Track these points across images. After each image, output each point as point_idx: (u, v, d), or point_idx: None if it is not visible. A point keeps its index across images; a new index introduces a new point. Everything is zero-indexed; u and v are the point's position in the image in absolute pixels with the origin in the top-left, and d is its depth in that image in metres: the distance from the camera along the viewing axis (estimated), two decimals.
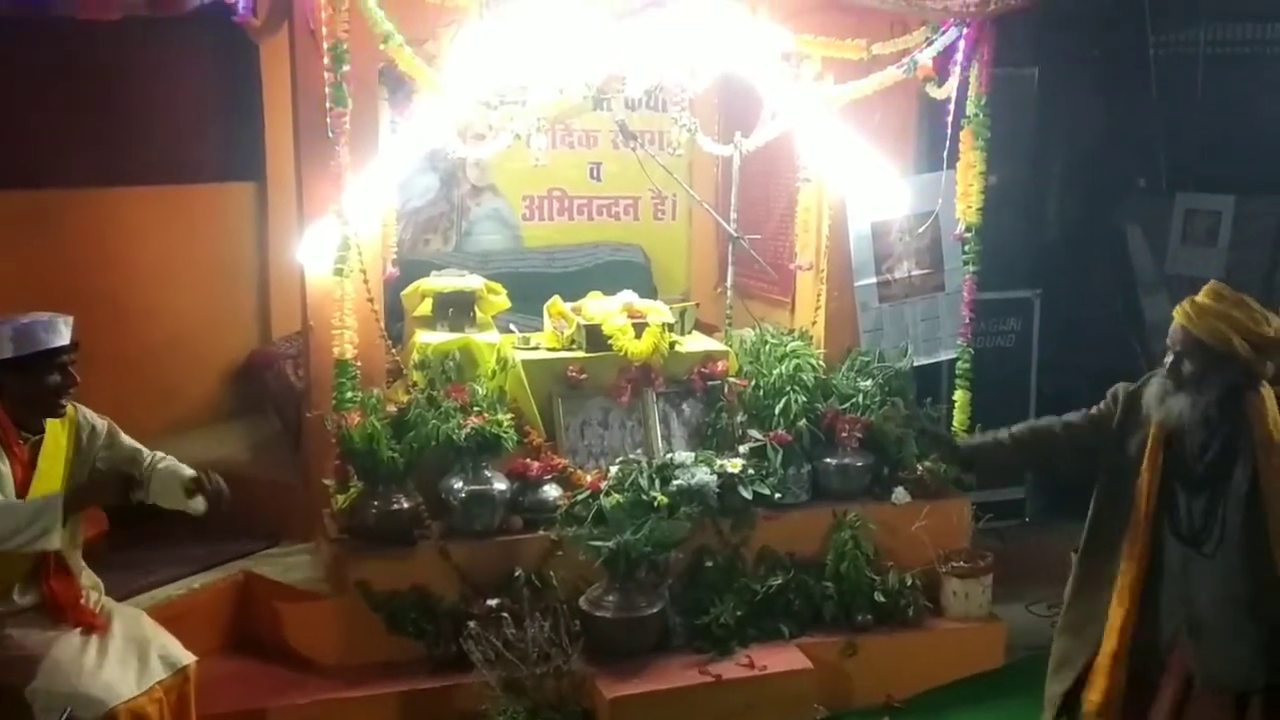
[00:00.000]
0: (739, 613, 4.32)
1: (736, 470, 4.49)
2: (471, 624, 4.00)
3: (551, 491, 4.43)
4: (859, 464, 4.73)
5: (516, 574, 4.22)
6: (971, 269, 5.01)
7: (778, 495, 4.56)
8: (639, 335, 4.69)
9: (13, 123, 4.70)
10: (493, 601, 4.09)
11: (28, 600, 3.23)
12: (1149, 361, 4.90)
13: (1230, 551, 3.10)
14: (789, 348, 4.92)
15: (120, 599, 3.63)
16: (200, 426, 5.39)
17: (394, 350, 4.81)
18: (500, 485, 4.33)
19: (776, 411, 4.71)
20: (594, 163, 6.05)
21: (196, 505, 3.30)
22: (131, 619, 3.39)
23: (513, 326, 5.10)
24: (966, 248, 4.97)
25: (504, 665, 3.87)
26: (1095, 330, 6.44)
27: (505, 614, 4.01)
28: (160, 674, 3.26)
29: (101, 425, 3.38)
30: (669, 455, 4.55)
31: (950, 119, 4.77)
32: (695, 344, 4.98)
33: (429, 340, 4.70)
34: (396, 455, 4.17)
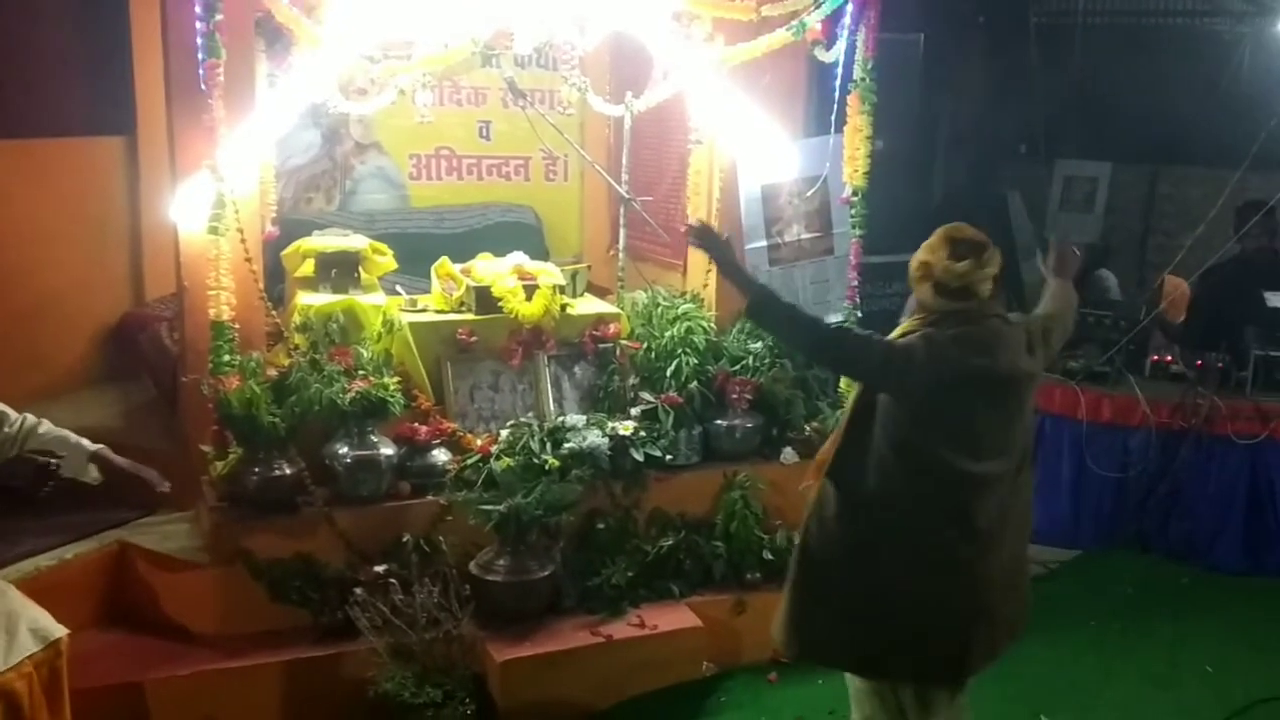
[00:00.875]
0: (630, 574, 4.35)
1: (628, 433, 4.49)
2: (358, 591, 3.93)
3: (440, 456, 4.37)
4: (749, 425, 4.78)
5: (405, 540, 4.16)
6: (858, 233, 5.08)
7: (669, 457, 4.58)
8: (530, 297, 4.65)
9: None
10: (380, 568, 4.03)
11: None
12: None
13: None
14: (681, 310, 4.92)
15: None
16: (70, 392, 5.16)
17: (274, 312, 4.67)
18: (387, 450, 4.26)
19: (668, 374, 4.73)
20: (483, 121, 5.96)
21: (94, 473, 3.21)
22: None
23: (399, 288, 5.00)
24: (854, 211, 5.03)
25: (392, 631, 3.82)
26: None
27: (393, 580, 3.95)
28: (30, 648, 3.11)
29: None
30: (560, 418, 4.53)
31: (838, 82, 4.80)
32: (587, 306, 4.96)
33: (311, 302, 4.58)
34: (278, 420, 4.06)
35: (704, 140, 5.12)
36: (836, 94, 4.81)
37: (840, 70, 4.75)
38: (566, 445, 4.37)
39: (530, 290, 4.66)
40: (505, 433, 4.44)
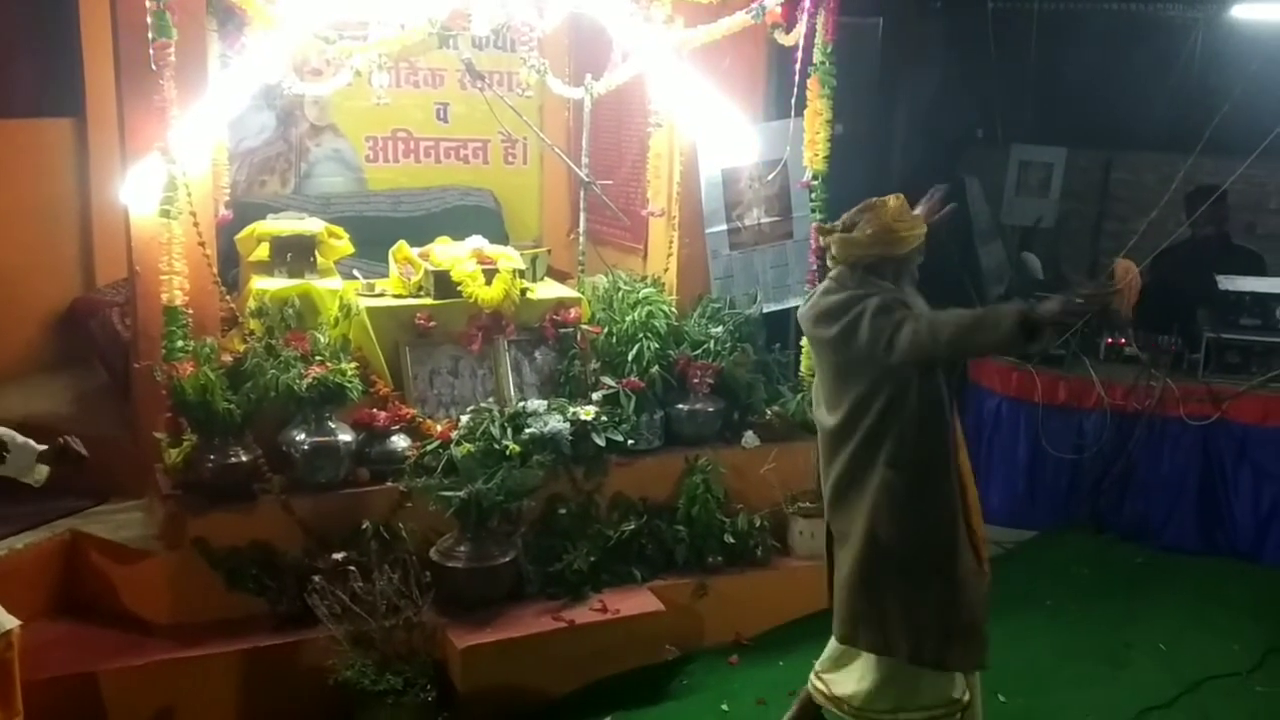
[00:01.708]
0: (592, 559, 4.34)
1: (589, 417, 4.48)
2: (317, 578, 3.89)
3: (400, 442, 4.34)
4: (710, 409, 4.78)
5: (364, 526, 4.13)
6: (818, 217, 5.07)
7: (630, 442, 4.58)
8: (489, 282, 4.61)
9: None
10: (339, 555, 4.00)
11: None
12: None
13: None
14: (641, 295, 4.91)
15: None
16: (20, 379, 5.08)
17: (229, 297, 4.62)
18: (345, 436, 4.22)
19: (629, 358, 4.72)
20: (440, 103, 5.89)
21: (40, 474, 3.17)
22: None
23: (356, 272, 4.95)
24: (814, 195, 5.04)
25: (351, 619, 3.79)
26: (934, 277, 6.66)
27: (352, 567, 3.92)
28: None
29: None
30: (521, 403, 4.51)
31: (798, 66, 4.80)
32: (547, 291, 4.93)
33: (266, 286, 4.52)
34: (233, 407, 4.01)
35: (664, 124, 5.10)
36: (796, 78, 4.81)
37: (800, 54, 4.74)
38: (527, 430, 4.35)
39: (490, 274, 4.62)
40: (465, 418, 4.41)
